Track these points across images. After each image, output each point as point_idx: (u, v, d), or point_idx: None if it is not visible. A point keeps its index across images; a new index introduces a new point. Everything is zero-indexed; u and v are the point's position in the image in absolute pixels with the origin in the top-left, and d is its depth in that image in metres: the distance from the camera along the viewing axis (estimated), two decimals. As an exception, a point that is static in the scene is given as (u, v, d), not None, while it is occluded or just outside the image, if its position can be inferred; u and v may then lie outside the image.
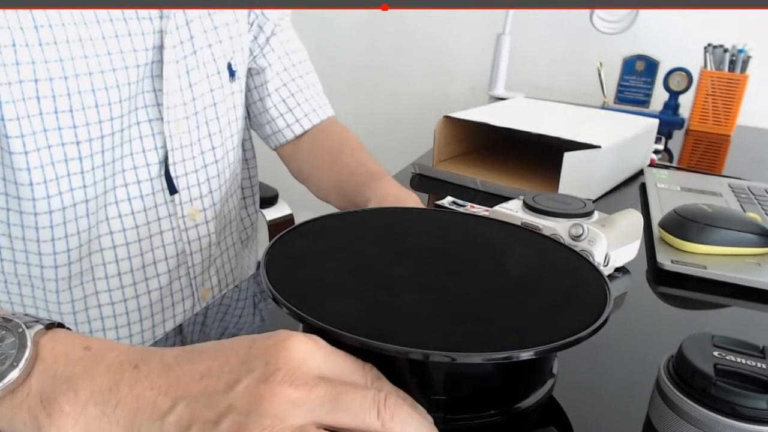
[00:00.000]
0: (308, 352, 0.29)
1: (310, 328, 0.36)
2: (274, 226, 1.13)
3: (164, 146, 0.61)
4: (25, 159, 0.52)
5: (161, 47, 0.58)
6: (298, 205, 1.18)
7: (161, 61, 0.58)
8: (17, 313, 0.32)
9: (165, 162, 0.61)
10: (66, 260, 0.59)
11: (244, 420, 0.26)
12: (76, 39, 0.52)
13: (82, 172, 0.56)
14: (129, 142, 0.59)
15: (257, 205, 0.87)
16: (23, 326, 0.31)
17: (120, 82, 0.55)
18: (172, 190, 0.62)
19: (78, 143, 0.54)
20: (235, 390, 0.27)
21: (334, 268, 0.44)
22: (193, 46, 0.62)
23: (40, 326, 0.31)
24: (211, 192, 0.67)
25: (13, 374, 0.29)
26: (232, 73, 0.68)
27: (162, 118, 0.60)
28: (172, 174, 0.62)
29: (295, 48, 0.79)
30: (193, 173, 0.64)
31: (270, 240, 0.46)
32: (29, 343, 0.30)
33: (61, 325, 0.32)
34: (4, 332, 0.30)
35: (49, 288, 0.60)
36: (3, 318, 0.31)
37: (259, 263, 0.89)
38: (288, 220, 1.17)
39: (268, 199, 1.14)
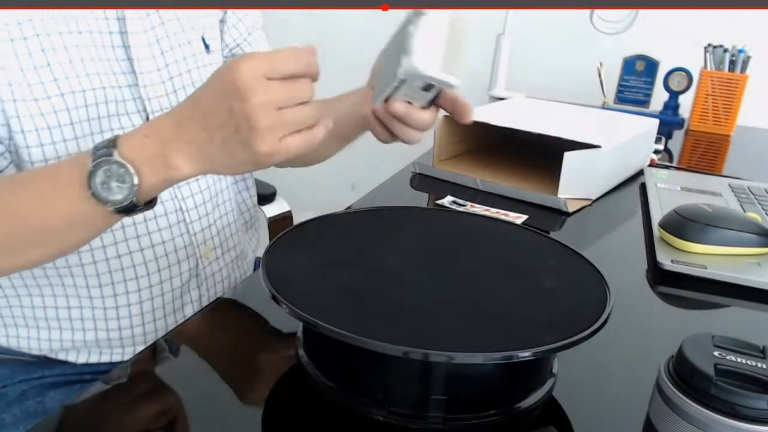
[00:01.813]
0: (252, 71, 0.45)
1: (310, 327, 0.36)
2: (273, 222, 1.13)
3: (144, 109, 0.66)
4: (14, 106, 0.58)
5: (123, 19, 0.64)
6: (296, 202, 1.18)
7: (126, 32, 0.64)
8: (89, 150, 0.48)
9: None
10: None
11: (249, 127, 0.45)
12: (49, 17, 0.59)
13: (76, 138, 0.61)
14: (111, 103, 0.64)
15: (253, 193, 0.86)
16: (105, 154, 0.47)
17: (88, 43, 0.61)
18: None
19: (62, 95, 0.60)
20: (233, 114, 0.45)
21: (334, 268, 0.44)
22: (159, 17, 0.67)
23: (108, 148, 0.47)
24: None
25: (135, 177, 0.47)
26: (206, 46, 0.73)
27: (137, 84, 0.65)
28: None
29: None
30: None
31: (270, 238, 0.47)
32: (119, 158, 0.47)
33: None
34: (105, 165, 0.47)
35: None
36: (86, 156, 0.47)
37: (257, 260, 0.89)
38: (286, 216, 1.17)
39: (266, 196, 1.14)
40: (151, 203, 0.51)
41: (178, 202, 0.69)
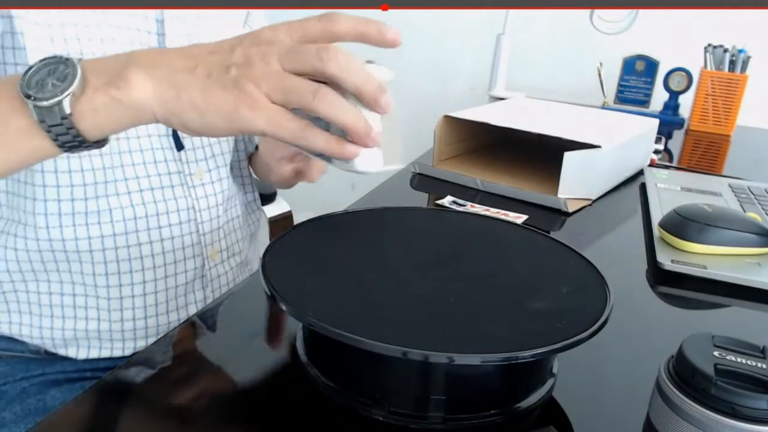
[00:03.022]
0: (274, 25, 0.41)
1: (309, 328, 0.36)
2: (273, 222, 1.13)
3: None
4: None
5: (164, 35, 0.65)
6: (297, 202, 1.18)
7: (164, 34, 0.65)
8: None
9: None
10: (82, 195, 0.64)
11: (242, 70, 0.39)
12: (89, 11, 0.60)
13: None
14: None
15: (259, 205, 0.88)
16: (66, 58, 0.41)
17: (126, 42, 0.62)
18: (179, 146, 0.69)
19: None
20: (234, 53, 0.40)
21: (334, 268, 0.44)
22: (190, 41, 0.67)
23: (76, 58, 0.41)
24: (214, 156, 0.73)
25: (76, 80, 0.40)
26: None
27: None
28: (181, 133, 0.69)
29: None
30: (197, 137, 0.71)
31: (270, 238, 0.47)
32: (76, 63, 0.40)
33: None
34: (54, 65, 0.41)
35: (66, 223, 0.64)
36: (47, 57, 0.41)
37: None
38: (287, 216, 1.17)
39: (267, 196, 1.14)
40: (96, 143, 0.43)
41: (192, 201, 0.71)
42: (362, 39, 0.42)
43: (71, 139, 0.41)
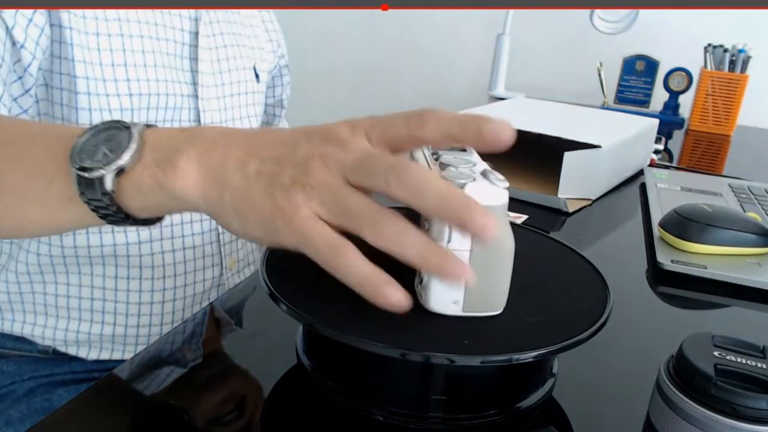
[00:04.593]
0: (350, 123, 0.35)
1: (308, 328, 0.36)
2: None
3: (197, 119, 0.69)
4: (87, 99, 0.60)
5: (197, 33, 0.68)
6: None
7: (197, 46, 0.68)
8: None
9: None
10: None
11: (296, 174, 0.33)
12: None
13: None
14: (170, 110, 0.67)
15: None
16: (128, 125, 0.37)
17: (162, 50, 0.65)
18: None
19: (130, 95, 0.62)
20: (297, 150, 0.34)
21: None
22: (223, 40, 0.72)
23: (141, 125, 0.37)
24: None
25: (128, 152, 0.35)
26: (257, 75, 0.78)
27: (197, 95, 0.68)
28: None
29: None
30: None
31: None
32: (136, 133, 0.36)
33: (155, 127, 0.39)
34: (114, 130, 0.37)
35: (93, 230, 0.64)
36: (110, 121, 0.38)
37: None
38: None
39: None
40: (147, 221, 0.39)
41: None
42: (456, 142, 0.35)
43: (113, 214, 0.37)
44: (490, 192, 0.35)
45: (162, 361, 0.47)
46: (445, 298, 0.37)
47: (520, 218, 0.74)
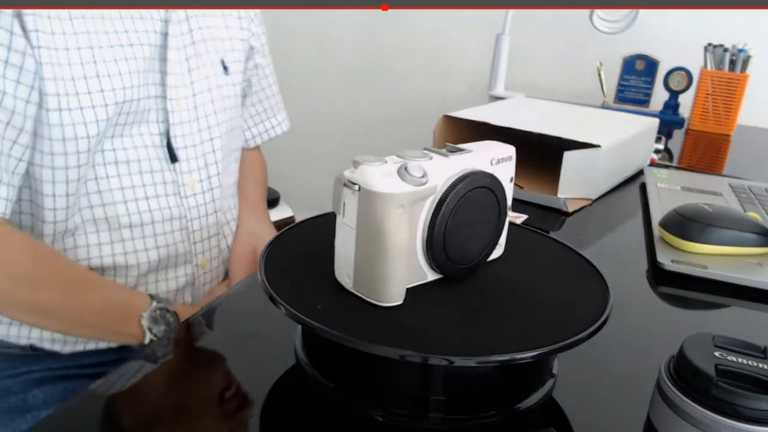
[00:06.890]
0: None
1: (307, 329, 0.36)
2: (277, 227, 1.13)
3: (166, 120, 0.70)
4: (58, 115, 0.61)
5: (166, 34, 0.68)
6: (300, 206, 1.18)
7: (166, 47, 0.69)
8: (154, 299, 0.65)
9: (167, 134, 0.71)
10: (80, 204, 0.67)
11: None
12: (99, 16, 0.63)
13: (99, 134, 0.64)
14: (140, 113, 0.68)
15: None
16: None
17: (133, 55, 0.65)
18: (173, 158, 0.72)
19: (105, 106, 0.63)
20: None
21: (333, 268, 0.44)
22: (192, 38, 0.72)
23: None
24: (207, 166, 0.76)
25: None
26: (225, 68, 0.78)
27: (165, 96, 0.70)
28: (174, 145, 0.72)
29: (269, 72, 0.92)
30: (192, 147, 0.74)
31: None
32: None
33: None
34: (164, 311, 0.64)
35: (47, 232, 0.66)
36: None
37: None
38: (289, 221, 1.17)
39: (270, 201, 1.14)
40: None
41: (184, 210, 0.74)
42: None
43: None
44: (384, 180, 0.36)
45: (160, 362, 0.47)
46: (341, 271, 0.39)
47: (520, 218, 0.74)
